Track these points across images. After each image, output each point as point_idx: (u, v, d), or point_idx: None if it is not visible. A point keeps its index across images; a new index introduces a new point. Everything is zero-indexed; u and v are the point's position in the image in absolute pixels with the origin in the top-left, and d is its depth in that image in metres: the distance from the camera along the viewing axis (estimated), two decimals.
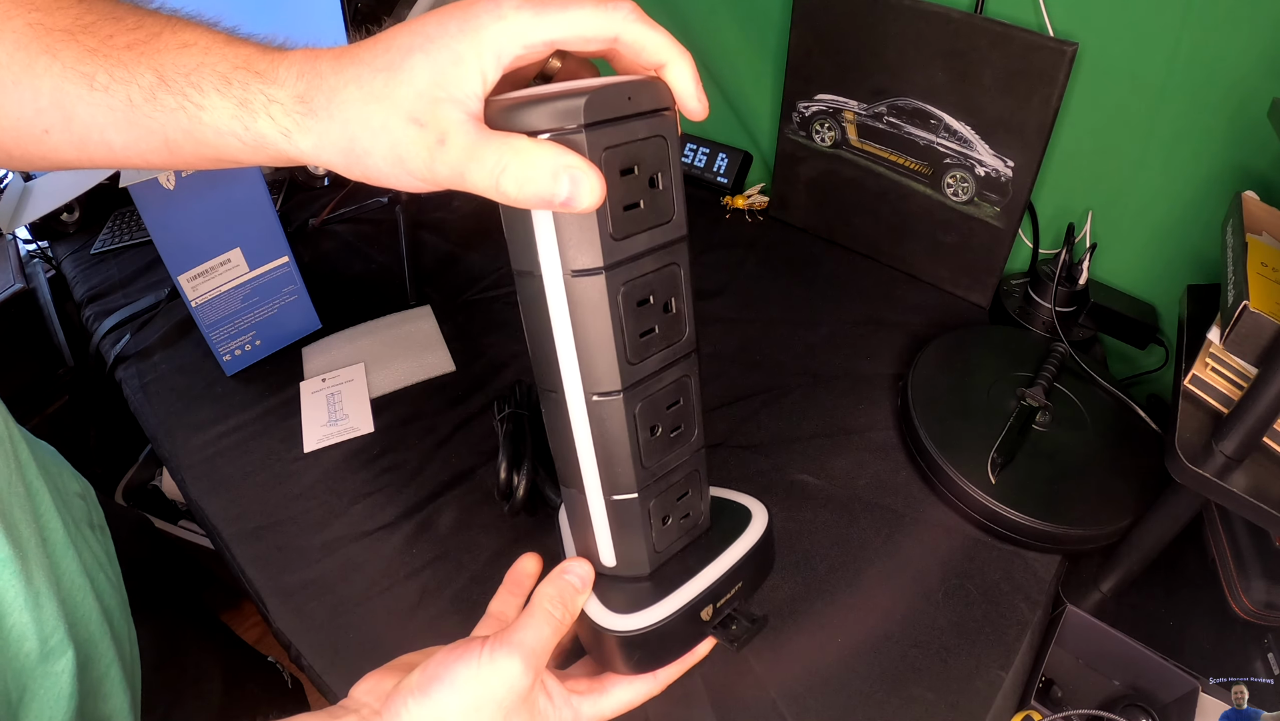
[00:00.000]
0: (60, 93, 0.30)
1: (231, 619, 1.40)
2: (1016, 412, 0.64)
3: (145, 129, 0.30)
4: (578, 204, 0.26)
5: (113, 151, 0.31)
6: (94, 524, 0.55)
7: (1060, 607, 0.57)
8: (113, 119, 0.30)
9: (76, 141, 0.31)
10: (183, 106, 0.29)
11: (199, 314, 0.73)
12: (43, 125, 0.31)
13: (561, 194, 0.26)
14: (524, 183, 0.26)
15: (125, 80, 0.30)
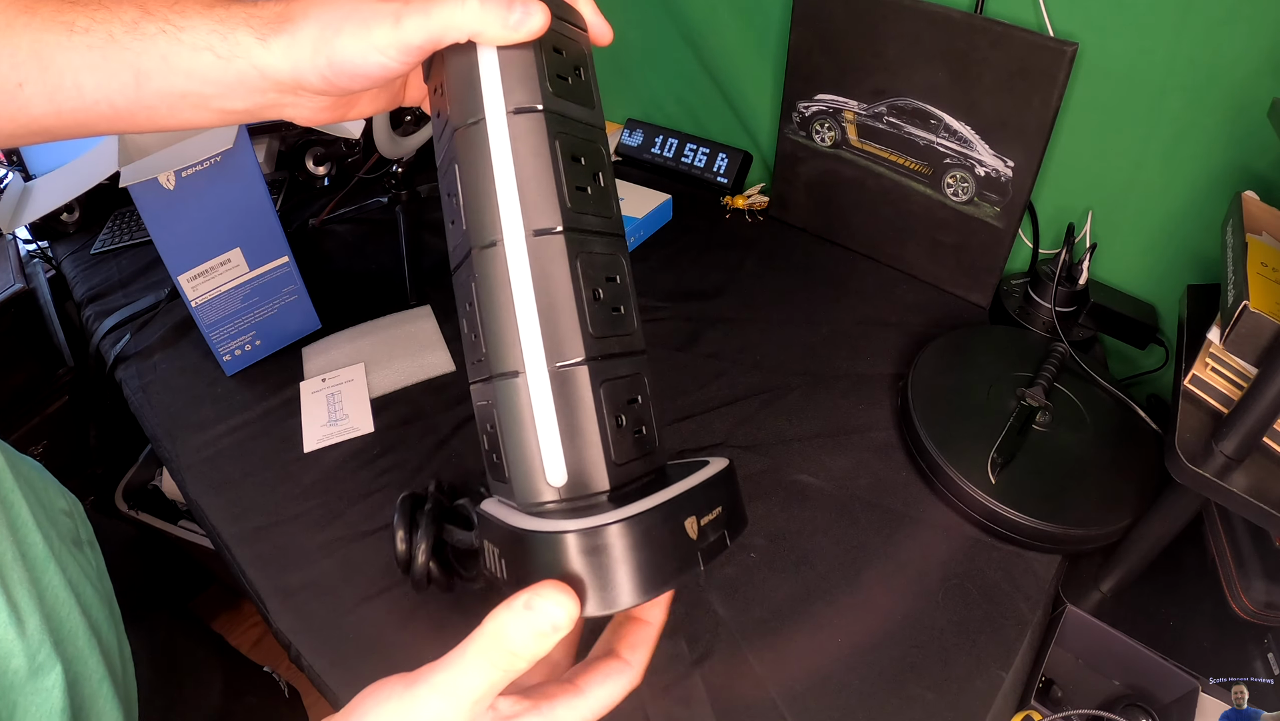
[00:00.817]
0: (38, 44, 0.31)
1: (231, 619, 1.40)
2: (1016, 412, 0.64)
3: (118, 64, 0.31)
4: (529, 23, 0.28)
5: (82, 95, 0.32)
6: (81, 541, 0.54)
7: (1060, 607, 0.57)
8: (88, 59, 0.31)
9: (49, 90, 0.32)
10: (163, 30, 0.31)
11: (199, 314, 0.73)
12: (17, 79, 0.32)
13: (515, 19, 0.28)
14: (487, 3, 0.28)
15: (105, 20, 0.31)
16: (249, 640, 1.38)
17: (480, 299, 0.29)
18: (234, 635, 1.39)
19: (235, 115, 0.34)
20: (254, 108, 0.33)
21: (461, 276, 0.31)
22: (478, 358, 0.30)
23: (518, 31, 0.28)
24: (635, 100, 1.09)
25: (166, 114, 0.33)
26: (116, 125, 0.34)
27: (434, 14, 0.29)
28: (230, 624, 1.40)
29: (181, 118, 0.33)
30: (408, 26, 0.29)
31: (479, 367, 0.31)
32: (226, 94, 0.32)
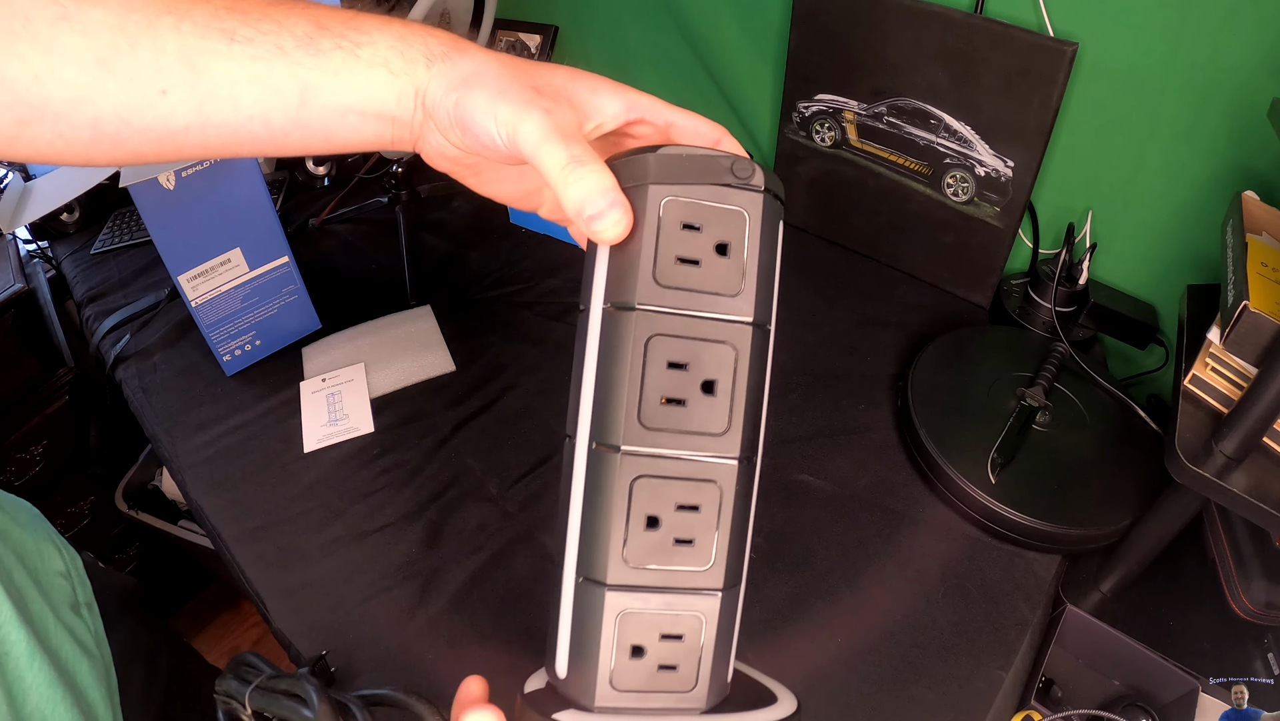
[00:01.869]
0: (189, 49, 0.29)
1: (231, 619, 1.41)
2: (1016, 412, 0.64)
3: (285, 77, 0.30)
4: (602, 226, 0.27)
5: (236, 108, 0.30)
6: (77, 604, 0.52)
7: (1060, 607, 0.57)
8: (250, 71, 0.30)
9: (198, 99, 0.30)
10: (340, 46, 0.30)
11: (199, 314, 0.73)
12: (160, 85, 0.29)
13: (592, 209, 0.26)
14: (576, 187, 0.27)
15: (273, 32, 0.30)
16: (249, 640, 1.38)
17: (560, 483, 0.30)
18: (234, 635, 1.39)
19: (383, 140, 0.33)
20: (401, 136, 0.32)
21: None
22: None
23: (588, 227, 0.27)
24: None
25: (322, 135, 0.32)
26: (262, 145, 0.32)
27: (544, 149, 0.28)
28: (230, 624, 1.40)
29: (336, 140, 0.32)
30: (525, 126, 0.28)
31: None
32: (383, 115, 0.31)
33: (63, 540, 0.55)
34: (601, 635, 0.27)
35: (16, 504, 0.54)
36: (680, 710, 0.28)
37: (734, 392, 0.28)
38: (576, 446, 0.29)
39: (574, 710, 0.27)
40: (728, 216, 0.27)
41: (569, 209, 0.27)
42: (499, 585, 0.60)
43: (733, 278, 0.27)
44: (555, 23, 1.10)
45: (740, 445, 0.28)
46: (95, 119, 0.30)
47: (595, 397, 0.28)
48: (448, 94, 0.30)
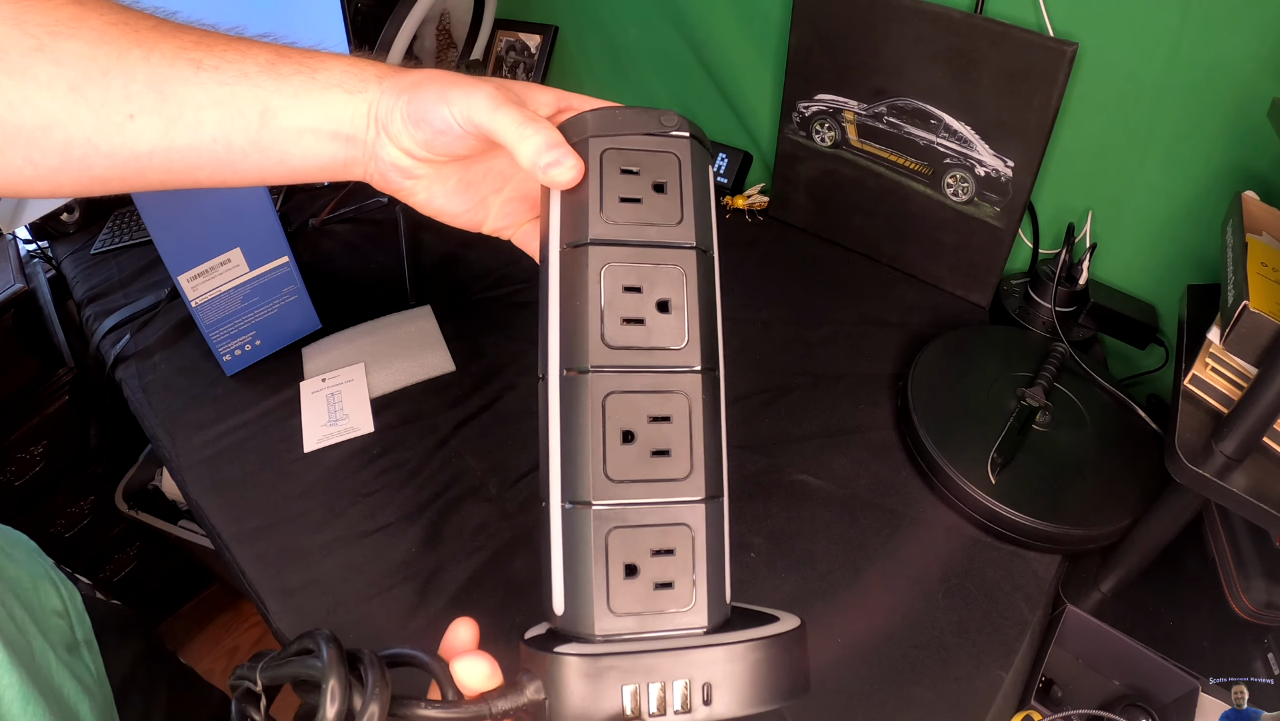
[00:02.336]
0: (158, 77, 0.31)
1: (231, 619, 1.41)
2: (1016, 412, 0.64)
3: (247, 100, 0.32)
4: (557, 171, 0.30)
5: (200, 130, 0.32)
6: (75, 643, 0.51)
7: (1060, 607, 0.57)
8: (215, 95, 0.32)
9: (165, 122, 0.32)
10: (299, 70, 0.33)
11: (199, 314, 0.73)
12: (129, 110, 0.31)
13: (547, 158, 0.30)
14: (531, 141, 0.30)
15: (237, 60, 0.32)
16: (249, 640, 1.38)
17: (539, 427, 0.31)
18: (234, 635, 1.39)
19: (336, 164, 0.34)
20: (355, 157, 0.34)
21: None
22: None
23: (544, 174, 0.30)
24: (635, 100, 1.09)
25: (278, 157, 0.34)
26: (221, 168, 0.34)
27: (498, 115, 0.31)
28: (230, 624, 1.40)
29: (291, 162, 0.34)
30: (478, 100, 0.31)
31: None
32: (338, 134, 0.33)
33: (60, 574, 0.54)
34: (593, 556, 0.28)
35: (14, 539, 0.53)
36: (683, 632, 0.28)
37: (687, 308, 0.30)
38: (550, 382, 0.30)
39: (576, 642, 0.27)
40: (661, 159, 0.31)
41: (526, 160, 0.30)
42: (499, 585, 0.60)
43: (672, 209, 0.30)
44: (555, 23, 1.10)
45: (700, 356, 0.30)
46: (65, 144, 0.31)
47: (561, 330, 0.30)
48: (398, 98, 0.32)
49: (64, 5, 0.31)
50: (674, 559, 0.28)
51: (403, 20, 0.82)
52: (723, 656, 0.26)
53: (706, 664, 0.26)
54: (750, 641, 0.26)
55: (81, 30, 0.31)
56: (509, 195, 0.39)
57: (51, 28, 0.30)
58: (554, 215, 0.31)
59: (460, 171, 0.36)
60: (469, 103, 0.31)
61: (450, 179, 0.36)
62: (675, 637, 0.27)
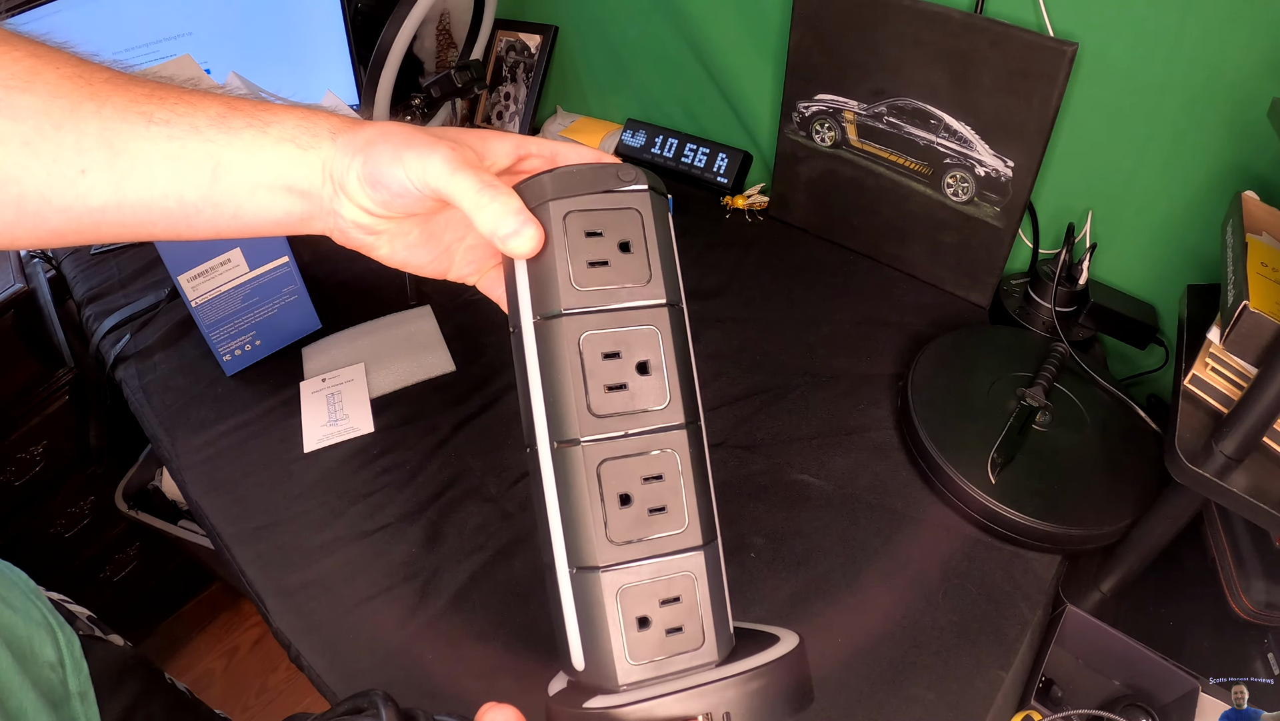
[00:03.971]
0: (109, 131, 0.31)
1: (231, 619, 1.41)
2: (1016, 412, 0.64)
3: (199, 155, 0.32)
4: (517, 242, 0.29)
5: (152, 186, 0.32)
6: (65, 698, 0.50)
7: (1060, 607, 0.57)
8: (166, 150, 0.31)
9: (116, 178, 0.31)
10: (250, 124, 0.32)
11: (199, 314, 0.73)
12: (81, 165, 0.31)
13: (505, 229, 0.29)
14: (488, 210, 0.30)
15: (188, 114, 0.32)
16: (249, 640, 1.38)
17: (533, 501, 0.32)
18: (234, 635, 1.39)
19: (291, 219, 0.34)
20: (310, 211, 0.34)
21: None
22: None
23: (504, 245, 0.29)
24: (635, 100, 1.09)
25: (231, 213, 0.33)
26: (175, 224, 0.33)
27: (454, 180, 0.30)
28: (230, 624, 1.40)
29: (245, 218, 0.33)
30: (433, 163, 0.30)
31: None
32: (293, 189, 0.33)
33: (59, 618, 0.53)
34: (607, 616, 0.29)
35: (13, 580, 0.52)
36: (697, 667, 0.30)
37: (666, 367, 0.30)
38: (540, 453, 0.31)
39: (603, 695, 0.29)
40: (623, 216, 0.31)
41: (485, 230, 0.29)
42: (499, 585, 0.60)
43: (640, 268, 0.31)
44: (555, 23, 1.10)
45: (683, 411, 0.30)
46: (20, 198, 0.31)
47: (546, 403, 0.31)
48: (353, 158, 0.32)
49: (21, 59, 0.31)
50: (681, 605, 0.30)
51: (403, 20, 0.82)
52: (737, 686, 0.28)
53: (723, 695, 0.28)
54: (760, 668, 0.28)
55: (35, 84, 0.30)
56: (472, 242, 0.38)
57: (6, 82, 0.30)
58: (521, 284, 0.31)
59: (421, 224, 0.36)
60: (424, 166, 0.30)
61: (412, 232, 0.36)
62: (691, 674, 0.29)
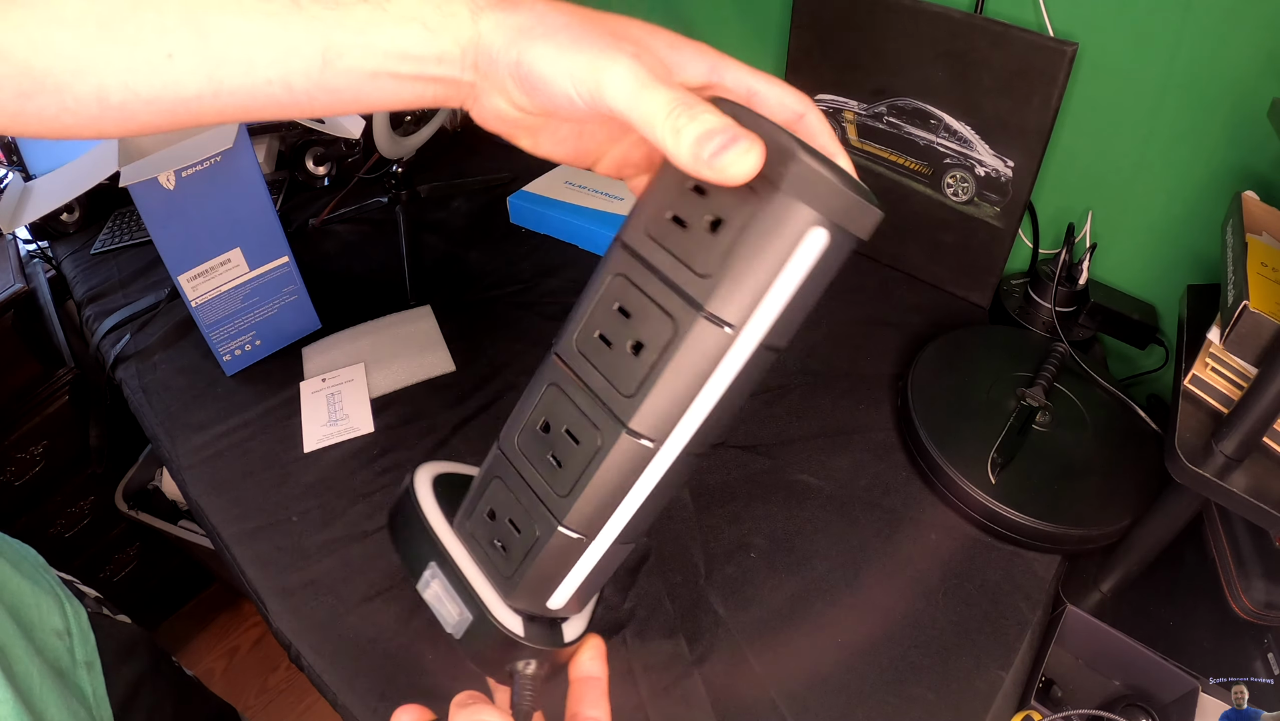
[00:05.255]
0: (194, 6, 0.26)
1: (231, 619, 1.41)
2: (1016, 412, 0.64)
3: (304, 38, 0.27)
4: (731, 156, 0.23)
5: (252, 73, 0.27)
6: (72, 665, 0.50)
7: (1060, 607, 0.57)
8: (264, 30, 0.26)
9: (209, 65, 0.27)
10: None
11: (199, 314, 0.73)
12: (165, 49, 0.26)
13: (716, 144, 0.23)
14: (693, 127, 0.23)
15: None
16: (249, 640, 1.38)
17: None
18: (234, 635, 1.39)
19: (424, 100, 0.29)
20: (446, 94, 0.29)
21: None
22: None
23: (711, 165, 0.23)
24: None
25: (351, 99, 0.28)
26: (286, 110, 0.29)
27: (643, 94, 0.24)
28: (230, 624, 1.40)
29: (369, 101, 0.29)
30: (612, 76, 0.24)
31: None
32: (422, 76, 0.28)
33: (67, 591, 0.54)
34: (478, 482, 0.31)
35: (21, 551, 0.52)
36: (494, 591, 0.31)
37: (654, 366, 0.25)
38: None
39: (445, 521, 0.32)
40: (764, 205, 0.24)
41: (686, 154, 0.23)
42: None
43: (712, 258, 0.24)
44: None
45: (636, 417, 0.26)
46: (100, 89, 0.27)
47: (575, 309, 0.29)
48: (505, 50, 0.26)
49: None
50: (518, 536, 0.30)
51: None
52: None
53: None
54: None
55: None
56: (629, 144, 0.32)
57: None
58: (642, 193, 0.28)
59: (577, 123, 0.31)
60: (598, 78, 0.24)
61: (561, 129, 0.31)
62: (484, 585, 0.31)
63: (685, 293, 0.25)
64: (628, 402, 0.26)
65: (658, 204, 0.26)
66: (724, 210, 0.24)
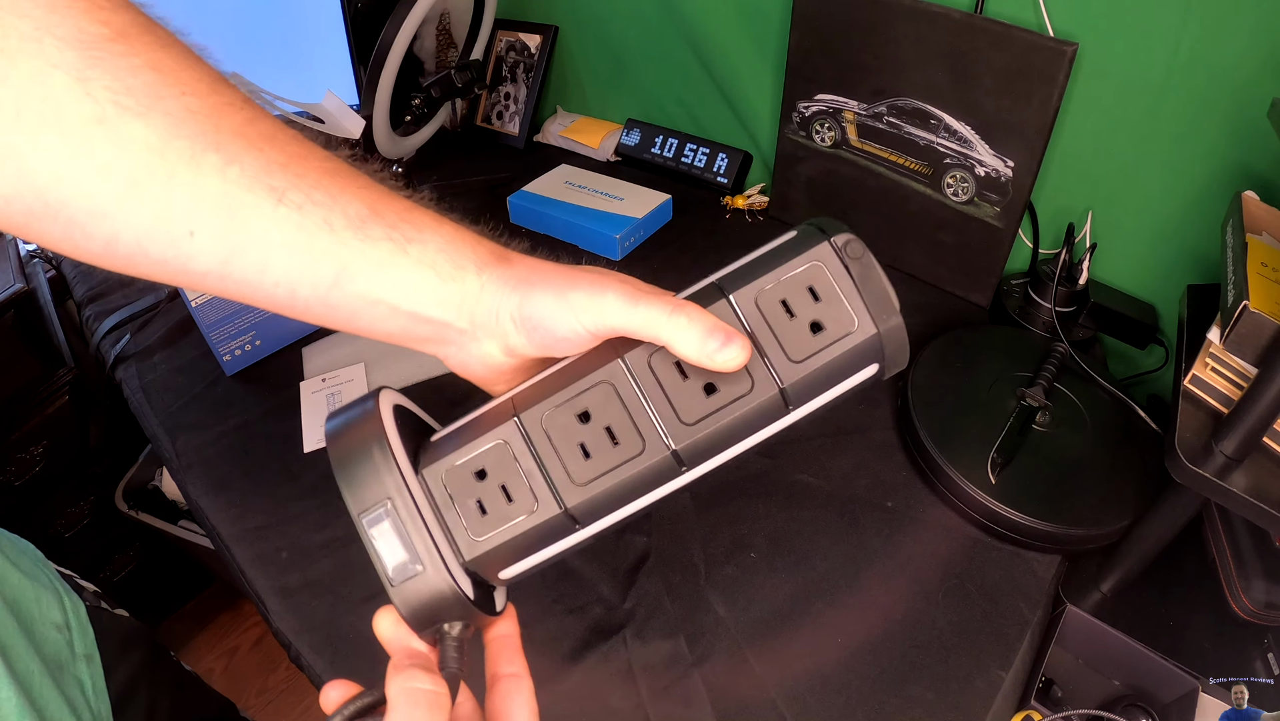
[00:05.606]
0: (230, 199, 0.27)
1: (231, 619, 1.41)
2: (1016, 413, 0.64)
3: (324, 255, 0.28)
4: (728, 355, 0.28)
5: (265, 273, 0.28)
6: (72, 658, 0.50)
7: (1060, 607, 0.57)
8: (289, 239, 0.28)
9: (227, 253, 0.28)
10: (390, 237, 0.29)
11: (199, 314, 0.73)
12: (190, 227, 0.27)
13: (712, 346, 0.28)
14: (690, 329, 0.28)
15: (325, 204, 0.28)
16: (249, 640, 1.38)
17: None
18: (234, 635, 1.39)
19: (408, 336, 0.31)
20: (431, 335, 0.31)
21: None
22: None
23: (713, 360, 0.28)
24: (635, 100, 1.09)
25: (346, 317, 0.30)
26: (279, 309, 0.30)
27: (640, 308, 0.28)
28: (230, 624, 1.40)
29: (358, 324, 0.31)
30: (610, 300, 0.28)
31: None
32: (418, 314, 0.30)
33: (65, 585, 0.54)
34: (475, 441, 0.30)
35: (19, 546, 0.53)
36: (452, 541, 0.30)
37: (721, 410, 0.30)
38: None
39: (409, 457, 0.30)
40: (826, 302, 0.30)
41: (692, 351, 0.28)
42: None
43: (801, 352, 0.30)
44: (555, 23, 1.10)
45: (687, 445, 0.30)
46: (112, 237, 0.27)
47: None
48: (506, 299, 0.30)
49: (141, 68, 0.26)
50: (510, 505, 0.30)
51: (403, 20, 0.82)
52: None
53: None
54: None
55: (153, 112, 0.26)
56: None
57: (119, 98, 0.25)
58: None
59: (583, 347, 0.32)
60: (599, 306, 0.28)
61: (528, 367, 0.33)
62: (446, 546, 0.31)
63: (773, 365, 0.30)
64: (684, 430, 0.30)
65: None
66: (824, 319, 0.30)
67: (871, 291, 0.31)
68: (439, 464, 0.30)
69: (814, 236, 0.31)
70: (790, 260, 0.30)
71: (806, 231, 0.31)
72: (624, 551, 0.61)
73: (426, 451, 0.32)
